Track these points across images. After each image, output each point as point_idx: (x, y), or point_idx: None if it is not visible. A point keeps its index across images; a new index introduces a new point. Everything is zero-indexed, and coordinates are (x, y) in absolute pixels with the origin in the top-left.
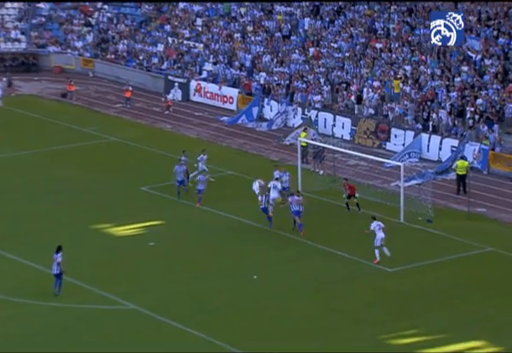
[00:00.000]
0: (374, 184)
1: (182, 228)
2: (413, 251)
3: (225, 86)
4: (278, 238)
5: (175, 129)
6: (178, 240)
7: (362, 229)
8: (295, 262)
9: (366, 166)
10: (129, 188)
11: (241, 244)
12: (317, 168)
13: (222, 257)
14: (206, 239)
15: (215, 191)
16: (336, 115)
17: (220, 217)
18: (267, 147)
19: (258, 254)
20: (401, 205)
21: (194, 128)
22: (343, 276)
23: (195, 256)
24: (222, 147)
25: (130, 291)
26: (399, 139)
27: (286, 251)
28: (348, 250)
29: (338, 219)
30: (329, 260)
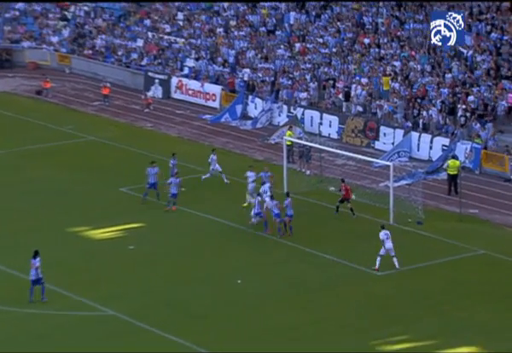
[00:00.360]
0: (362, 184)
1: (163, 230)
2: (403, 254)
3: (208, 83)
4: (263, 240)
5: (155, 127)
6: (159, 244)
7: (350, 232)
8: (281, 265)
9: (354, 166)
10: (107, 190)
11: (225, 247)
12: (304, 168)
13: (204, 260)
14: (188, 242)
15: (197, 192)
16: (323, 113)
17: (202, 220)
18: (251, 147)
19: (243, 258)
20: (390, 206)
21: (175, 126)
22: (330, 280)
23: (177, 260)
24: (204, 147)
25: (110, 296)
26: (388, 138)
27: (271, 254)
28: (336, 253)
29: (325, 221)
30: (316, 264)
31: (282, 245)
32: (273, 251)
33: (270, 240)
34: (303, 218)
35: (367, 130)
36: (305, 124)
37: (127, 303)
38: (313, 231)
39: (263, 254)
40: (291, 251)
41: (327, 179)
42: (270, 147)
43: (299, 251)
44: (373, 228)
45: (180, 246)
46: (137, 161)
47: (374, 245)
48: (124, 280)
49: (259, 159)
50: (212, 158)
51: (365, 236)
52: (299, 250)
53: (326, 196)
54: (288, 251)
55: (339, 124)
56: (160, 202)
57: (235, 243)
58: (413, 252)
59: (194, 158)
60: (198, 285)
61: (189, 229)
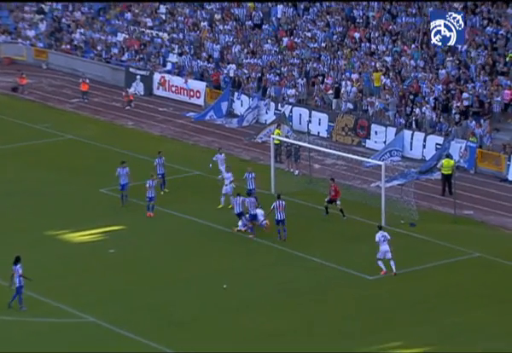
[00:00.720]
0: (353, 185)
1: (145, 233)
2: (395, 257)
3: (192, 79)
4: (249, 243)
5: (137, 125)
6: (141, 247)
7: (340, 234)
8: (268, 269)
9: (344, 165)
10: (87, 191)
11: (209, 250)
12: (292, 168)
13: (188, 264)
14: (171, 245)
15: (181, 193)
16: (312, 110)
17: (186, 222)
18: (237, 146)
19: (228, 261)
20: (382, 207)
21: (157, 124)
22: (319, 285)
23: (159, 263)
24: (188, 146)
25: (89, 302)
26: (380, 136)
27: (257, 257)
28: (325, 256)
29: (314, 223)
30: (305, 267)
31: (269, 247)
32: (260, 254)
33: (257, 243)
34: (291, 220)
35: (358, 128)
36: (293, 122)
37: (108, 309)
38: (301, 233)
39: (249, 257)
40: (278, 254)
41: (316, 179)
42: (256, 147)
43: (286, 254)
44: (364, 230)
45: (162, 249)
46: (118, 161)
47: (365, 247)
48: (104, 284)
49: (246, 158)
50: (218, 157)
51: (356, 238)
52: (286, 253)
53: (315, 197)
54: (275, 254)
55: (328, 122)
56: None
57: (219, 246)
58: (406, 255)
59: (177, 157)
60: (182, 289)
61: (171, 231)
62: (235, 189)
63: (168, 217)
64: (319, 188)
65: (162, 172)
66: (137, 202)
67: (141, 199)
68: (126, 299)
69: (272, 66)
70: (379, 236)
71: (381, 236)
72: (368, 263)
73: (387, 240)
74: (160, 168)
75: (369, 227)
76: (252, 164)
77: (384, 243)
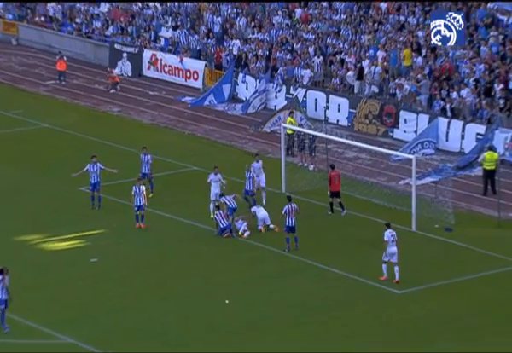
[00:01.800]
0: (378, 182)
1: (132, 239)
2: (427, 267)
3: (188, 58)
4: (254, 251)
5: (124, 112)
6: (128, 255)
7: (362, 239)
8: (276, 281)
9: (368, 160)
10: (64, 188)
11: (209, 259)
12: (306, 162)
13: (184, 275)
14: (164, 252)
15: (175, 192)
16: (330, 94)
17: (182, 226)
18: (242, 136)
19: (231, 272)
20: (413, 209)
21: (148, 111)
22: (338, 300)
23: (150, 274)
24: (184, 136)
25: (67, 320)
26: (410, 125)
27: (264, 266)
28: (345, 266)
29: (331, 226)
30: (320, 279)
31: (277, 255)
32: (267, 263)
33: (264, 250)
34: (304, 223)
35: (384, 115)
36: (307, 108)
37: (89, 328)
38: (316, 238)
39: (255, 267)
40: (289, 263)
41: None
42: (264, 137)
43: (298, 263)
44: None
45: (154, 258)
46: (101, 154)
47: None
48: (84, 299)
49: (252, 151)
50: (254, 165)
51: (381, 245)
52: (298, 261)
53: None
54: (285, 263)
55: (349, 109)
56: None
57: (221, 254)
58: (441, 265)
59: (171, 150)
60: (177, 305)
61: (164, 237)
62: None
63: (160, 220)
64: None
65: (147, 172)
66: (123, 202)
67: (125, 199)
68: (111, 316)
69: (283, 43)
70: (388, 235)
71: (390, 235)
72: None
73: (396, 240)
74: (144, 167)
75: (397, 232)
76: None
77: (393, 244)
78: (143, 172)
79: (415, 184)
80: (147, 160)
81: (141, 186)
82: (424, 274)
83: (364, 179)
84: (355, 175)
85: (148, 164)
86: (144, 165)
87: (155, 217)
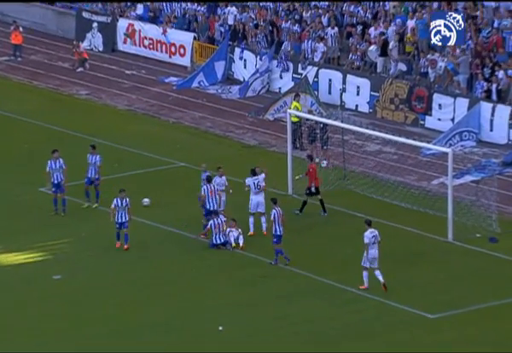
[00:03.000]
0: (405, 182)
1: (104, 250)
2: (466, 286)
3: (173, 29)
4: (253, 265)
5: (94, 96)
6: (99, 271)
7: (387, 253)
8: (278, 303)
9: (394, 154)
10: (21, 190)
11: (198, 276)
12: (318, 157)
13: (167, 297)
14: (144, 268)
15: (156, 194)
16: (347, 74)
17: (165, 234)
18: (239, 125)
19: (221, 291)
20: (449, 214)
21: (124, 94)
22: (357, 328)
23: (126, 296)
24: (168, 126)
25: (24, 351)
26: (446, 111)
27: (263, 285)
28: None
29: (347, 237)
30: (336, 301)
31: (279, 271)
32: (267, 280)
33: (264, 265)
34: (314, 232)
35: (413, 99)
36: (319, 90)
37: None
38: (329, 252)
39: (251, 286)
40: (296, 282)
41: (353, 174)
42: (266, 126)
43: (307, 282)
44: (421, 248)
45: (131, 275)
46: (66, 147)
47: (422, 272)
48: (46, 326)
49: (251, 143)
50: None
51: (408, 260)
52: (307, 280)
53: (351, 199)
54: (290, 282)
55: (371, 91)
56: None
57: (210, 270)
58: (483, 283)
59: (152, 142)
60: (158, 334)
61: (143, 248)
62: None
63: (139, 227)
64: (357, 186)
65: (95, 177)
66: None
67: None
68: (77, 349)
69: (290, 10)
70: (369, 236)
71: (371, 236)
72: (427, 295)
73: (378, 242)
74: (91, 170)
75: (429, 243)
76: (258, 150)
77: (374, 246)
78: (89, 176)
79: (451, 184)
80: (94, 162)
81: (125, 198)
82: (462, 294)
83: (389, 178)
84: (377, 172)
85: (95, 167)
86: (91, 168)
87: (133, 223)
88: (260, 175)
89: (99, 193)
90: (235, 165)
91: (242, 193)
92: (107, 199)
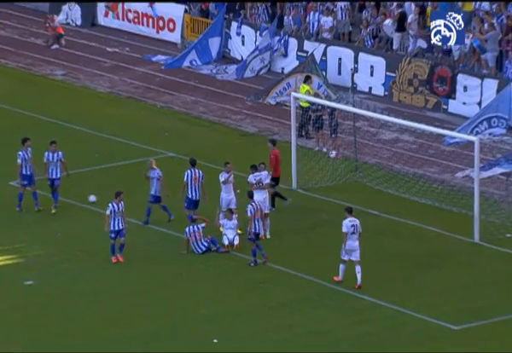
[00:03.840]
0: (426, 175)
1: (83, 253)
2: (495, 293)
3: (161, 1)
4: (251, 269)
5: (71, 76)
6: (76, 276)
7: (402, 254)
8: (280, 312)
9: (412, 143)
10: None
11: (186, 280)
12: (326, 146)
13: (155, 305)
14: (128, 273)
15: (142, 189)
16: (359, 52)
17: (152, 234)
18: (236, 110)
19: (220, 300)
20: (475, 211)
21: (105, 75)
22: (370, 340)
23: (105, 302)
24: (155, 110)
25: None
26: (472, 94)
27: (262, 291)
28: (380, 292)
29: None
30: (340, 309)
31: (280, 275)
32: (267, 286)
33: (260, 268)
34: (317, 231)
35: (435, 80)
36: (328, 71)
37: None
38: (334, 254)
39: (250, 292)
40: (297, 287)
41: (366, 166)
42: (268, 112)
43: (314, 288)
44: (443, 249)
45: (112, 281)
46: (39, 135)
47: (444, 277)
48: (17, 338)
49: (250, 131)
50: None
51: (429, 263)
52: (314, 285)
53: (364, 194)
54: (291, 287)
55: (386, 72)
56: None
57: (201, 272)
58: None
59: (137, 129)
60: (145, 347)
61: (126, 251)
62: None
63: None
64: (371, 179)
65: (56, 178)
66: (69, 202)
67: (74, 198)
68: None
69: None
70: (347, 225)
71: (350, 225)
72: (450, 303)
73: (359, 232)
74: (51, 170)
75: (453, 244)
76: (258, 139)
77: (353, 237)
78: (51, 178)
79: (478, 177)
80: (57, 159)
81: (121, 202)
82: (490, 302)
83: (407, 170)
84: (393, 164)
85: (57, 167)
86: (52, 168)
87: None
88: (263, 171)
89: (58, 196)
90: (232, 156)
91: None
92: (82, 193)
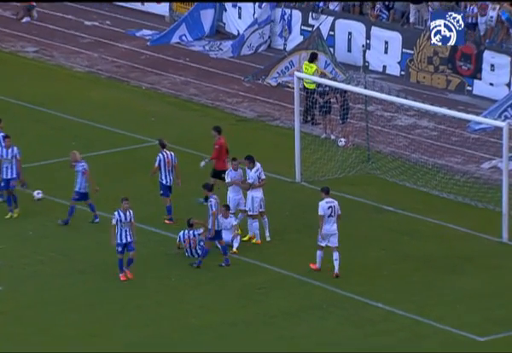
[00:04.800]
0: (448, 165)
1: (56, 252)
2: None
3: None
4: (244, 272)
5: (44, 53)
6: (51, 282)
7: (422, 257)
8: (282, 322)
9: (432, 129)
10: None
11: (176, 285)
12: (334, 133)
13: (137, 311)
14: (110, 278)
15: (125, 181)
16: (372, 26)
17: (137, 233)
18: (232, 92)
19: (211, 306)
20: (503, 207)
21: (83, 52)
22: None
23: (83, 310)
24: (140, 93)
25: None
26: (500, 73)
27: (262, 298)
28: (397, 299)
29: (376, 237)
30: (350, 318)
31: (282, 280)
32: (267, 292)
33: (260, 272)
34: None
35: (457, 58)
36: (336, 47)
37: None
38: (345, 255)
39: (248, 300)
40: (301, 294)
41: (380, 155)
42: (268, 94)
43: (322, 295)
44: (468, 251)
45: (88, 284)
46: (9, 121)
47: (468, 283)
48: None
49: (247, 116)
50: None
51: (450, 265)
52: (322, 291)
53: (377, 188)
54: (294, 294)
55: (402, 48)
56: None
57: (193, 276)
58: None
59: (119, 114)
60: None
61: (107, 252)
62: None
63: (103, 225)
64: (385, 171)
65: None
66: (50, 199)
67: (47, 192)
68: None
69: None
70: (324, 207)
71: (327, 207)
72: (476, 312)
73: (338, 215)
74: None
75: (479, 244)
76: (257, 125)
77: (331, 220)
78: (5, 178)
79: (507, 168)
80: (12, 156)
81: (128, 210)
82: None
83: (426, 160)
84: (410, 153)
85: (12, 165)
86: (6, 166)
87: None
88: (257, 164)
89: (16, 199)
90: (228, 145)
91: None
92: (57, 187)
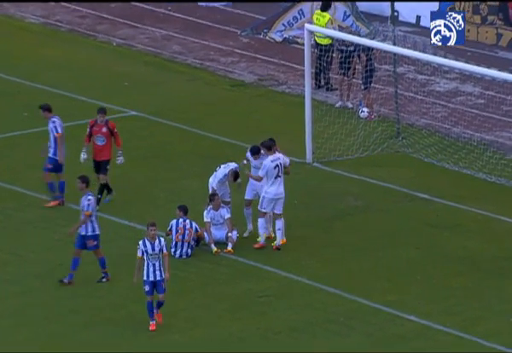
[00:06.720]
0: (497, 142)
1: (11, 255)
2: None
3: None
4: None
5: (20, 12)
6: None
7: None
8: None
9: (478, 96)
10: None
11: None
12: (355, 102)
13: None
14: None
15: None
16: None
17: (114, 227)
18: (227, 50)
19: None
20: None
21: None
22: None
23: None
24: (109, 49)
25: None
26: None
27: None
28: (429, 309)
29: (399, 230)
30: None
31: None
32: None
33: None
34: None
35: (511, 6)
36: None
37: None
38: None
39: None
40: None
41: (412, 129)
42: (271, 52)
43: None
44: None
45: (48, 290)
46: None
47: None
48: None
49: (245, 79)
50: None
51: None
52: (335, 300)
53: (407, 168)
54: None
55: None
56: None
57: (183, 281)
58: None
59: (85, 78)
60: None
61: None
62: None
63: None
64: (419, 149)
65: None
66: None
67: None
68: None
69: None
70: (270, 166)
71: (273, 167)
72: (502, 322)
73: (285, 172)
74: None
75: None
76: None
77: (276, 181)
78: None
79: None
80: None
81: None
82: None
83: (470, 136)
84: (451, 127)
85: None
86: None
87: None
88: (277, 151)
89: None
90: (221, 116)
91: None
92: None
